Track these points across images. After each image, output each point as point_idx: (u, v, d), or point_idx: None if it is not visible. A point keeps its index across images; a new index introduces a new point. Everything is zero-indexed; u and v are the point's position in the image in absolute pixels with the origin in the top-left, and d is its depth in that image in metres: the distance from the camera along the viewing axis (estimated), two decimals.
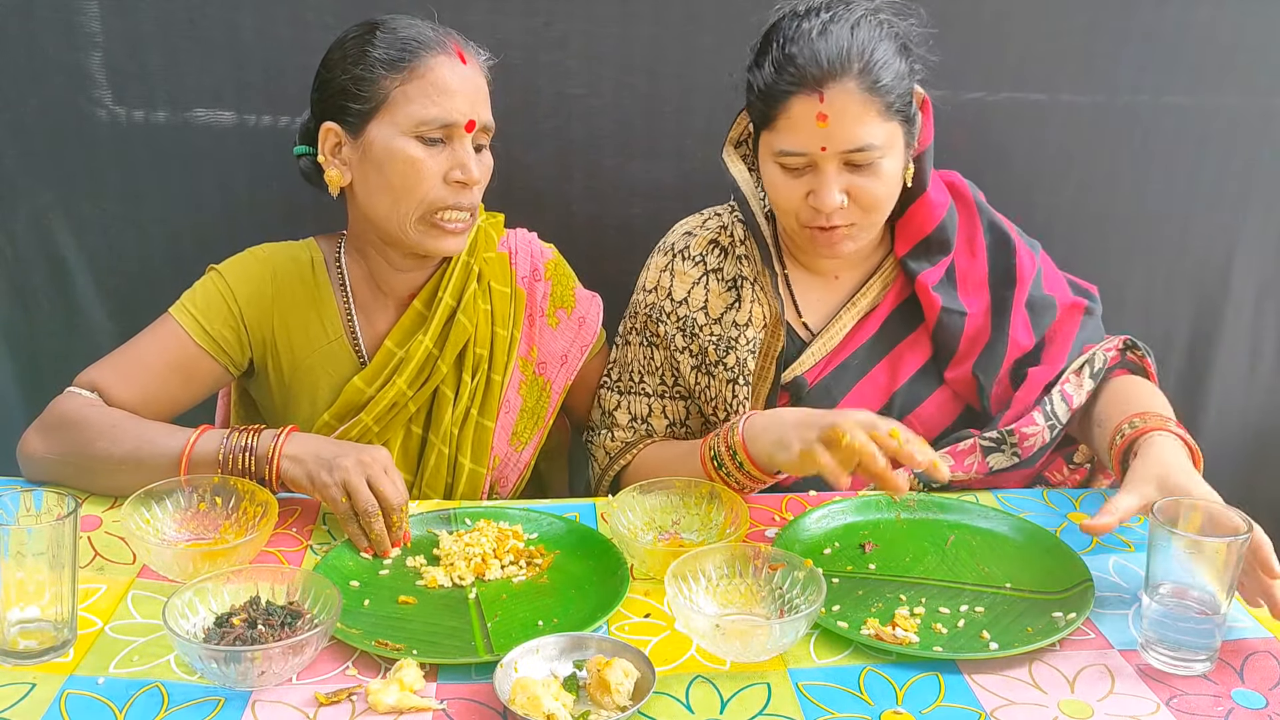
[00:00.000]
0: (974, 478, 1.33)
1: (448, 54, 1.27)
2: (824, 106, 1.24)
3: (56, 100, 1.61)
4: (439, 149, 1.28)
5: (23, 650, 0.97)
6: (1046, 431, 1.32)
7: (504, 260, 1.44)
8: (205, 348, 1.33)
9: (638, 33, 1.63)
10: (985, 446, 1.33)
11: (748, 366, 1.38)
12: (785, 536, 1.21)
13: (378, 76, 1.27)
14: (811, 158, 1.27)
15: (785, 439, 1.17)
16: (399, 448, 1.41)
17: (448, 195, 1.29)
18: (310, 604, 1.01)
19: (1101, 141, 1.73)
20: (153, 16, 1.58)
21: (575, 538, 1.21)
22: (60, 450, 1.24)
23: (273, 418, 1.44)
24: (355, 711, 0.92)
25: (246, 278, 1.36)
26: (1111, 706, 0.95)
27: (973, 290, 1.39)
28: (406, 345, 1.38)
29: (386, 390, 1.36)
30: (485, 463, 1.42)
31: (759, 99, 1.30)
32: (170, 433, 1.22)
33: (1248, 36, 1.70)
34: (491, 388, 1.42)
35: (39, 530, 0.96)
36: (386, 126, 1.27)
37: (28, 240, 1.68)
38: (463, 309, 1.38)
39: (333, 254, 1.42)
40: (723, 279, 1.41)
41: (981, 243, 1.41)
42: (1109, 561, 1.19)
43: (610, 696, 0.91)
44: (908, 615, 1.07)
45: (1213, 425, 1.89)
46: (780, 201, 1.33)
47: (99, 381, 1.29)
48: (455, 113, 1.26)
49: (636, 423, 1.46)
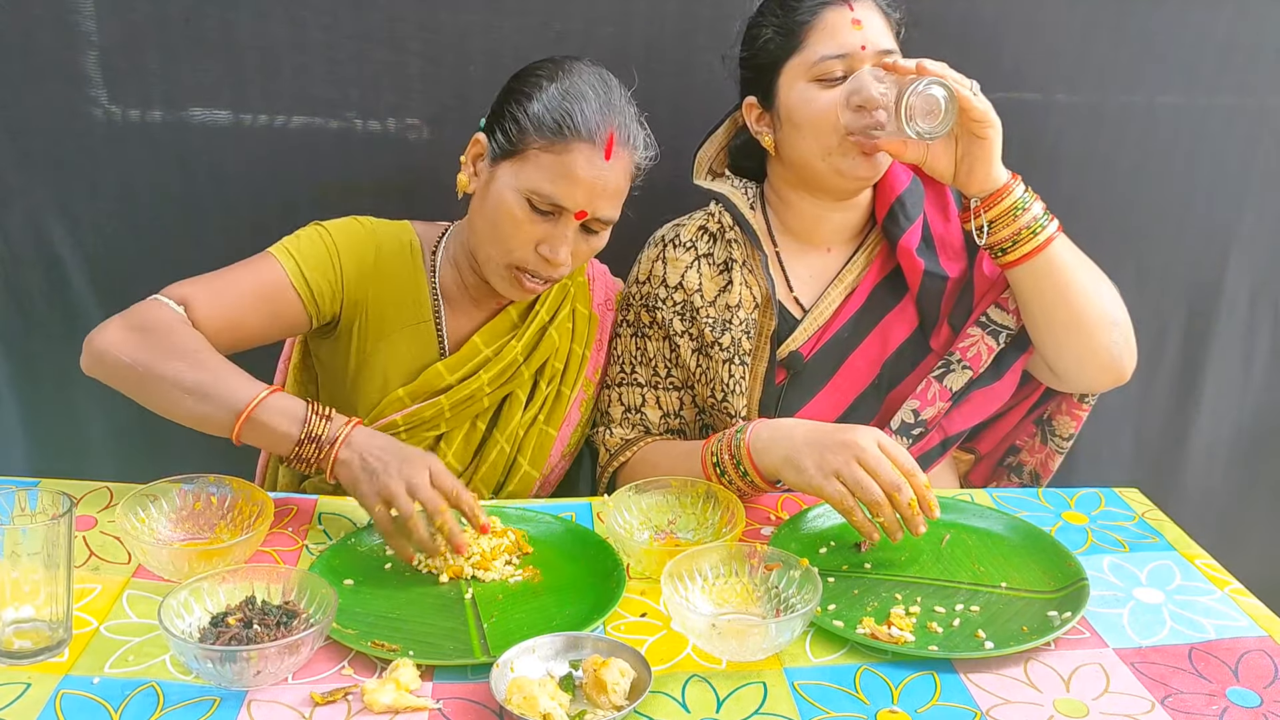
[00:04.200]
0: (941, 408, 1.38)
1: (594, 145, 1.27)
2: (855, 13, 1.33)
3: (52, 99, 1.60)
4: (544, 219, 1.29)
5: (18, 650, 0.97)
6: (986, 339, 1.39)
7: (587, 286, 1.50)
8: (299, 290, 1.33)
9: (634, 33, 1.64)
10: (937, 374, 1.40)
11: (742, 347, 1.40)
12: (781, 536, 1.21)
13: (526, 129, 1.28)
14: (850, 59, 1.32)
15: (797, 460, 1.17)
16: (461, 439, 1.44)
17: (532, 261, 1.32)
18: (306, 604, 1.00)
19: (1096, 141, 1.74)
20: (148, 15, 1.57)
21: (571, 537, 1.21)
22: (134, 354, 1.20)
23: (340, 384, 1.44)
24: (351, 711, 0.92)
25: (352, 239, 1.38)
26: (1106, 705, 0.95)
27: (952, 256, 1.42)
28: (494, 345, 1.41)
29: (469, 383, 1.40)
30: (541, 468, 1.46)
31: (780, 25, 1.36)
32: (245, 380, 1.20)
33: (1243, 36, 1.70)
34: (561, 400, 1.47)
35: (34, 530, 0.95)
36: (511, 175, 1.30)
37: (23, 239, 1.67)
38: (555, 325, 1.44)
39: (430, 243, 1.44)
40: (714, 262, 1.43)
41: (953, 209, 1.44)
42: (1104, 561, 1.19)
43: (606, 696, 0.91)
44: (903, 614, 1.07)
45: (1206, 424, 1.90)
46: (818, 116, 1.34)
47: (189, 296, 1.27)
48: (570, 200, 1.28)
49: (631, 414, 1.47)
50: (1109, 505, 1.33)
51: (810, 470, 1.15)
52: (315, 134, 1.64)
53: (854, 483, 1.12)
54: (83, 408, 1.75)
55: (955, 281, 1.42)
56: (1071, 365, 1.38)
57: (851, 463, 1.13)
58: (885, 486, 1.12)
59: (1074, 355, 1.36)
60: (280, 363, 1.56)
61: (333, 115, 1.63)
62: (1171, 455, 1.92)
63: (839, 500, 1.14)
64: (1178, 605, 1.11)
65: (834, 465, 1.14)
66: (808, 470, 1.15)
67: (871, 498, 1.12)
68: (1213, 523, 1.87)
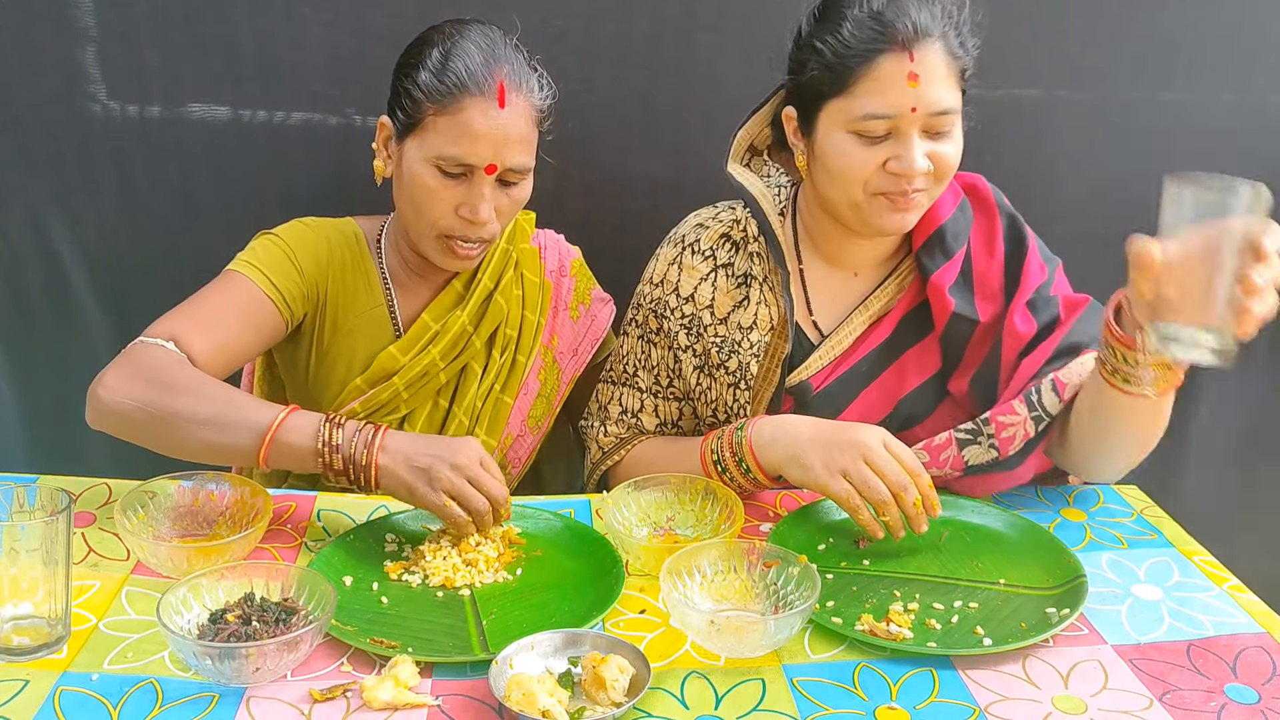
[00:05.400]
0: (950, 474, 1.28)
1: (486, 97, 1.27)
2: (915, 66, 1.20)
3: (51, 95, 1.60)
4: (456, 181, 1.30)
5: (16, 647, 0.97)
6: (1029, 424, 1.23)
7: (535, 253, 1.50)
8: (272, 299, 1.33)
9: (634, 29, 1.63)
10: (961, 439, 1.27)
11: (750, 371, 1.35)
12: (780, 532, 1.21)
13: (419, 99, 1.28)
14: (898, 120, 1.21)
15: (803, 458, 1.16)
16: (424, 418, 1.44)
17: (457, 226, 1.32)
18: (305, 601, 1.01)
19: (1098, 138, 1.73)
20: (147, 11, 1.57)
21: (570, 534, 1.21)
22: (142, 398, 1.18)
23: (304, 382, 1.44)
24: (350, 708, 0.92)
25: (303, 240, 1.39)
26: (1105, 702, 0.95)
27: (988, 296, 1.34)
28: (443, 320, 1.42)
29: (419, 359, 1.40)
30: (498, 437, 1.48)
31: (832, 64, 1.23)
32: (257, 404, 1.19)
33: (1245, 33, 1.70)
34: (516, 368, 1.48)
35: (32, 526, 0.95)
36: (416, 148, 1.30)
37: (22, 236, 1.67)
38: (500, 291, 1.44)
39: (374, 234, 1.46)
40: (732, 275, 1.38)
41: (1000, 246, 1.36)
42: (1102, 558, 1.19)
43: (605, 693, 0.92)
44: (902, 611, 1.07)
45: (1204, 425, 1.89)
46: (850, 171, 1.25)
47: (175, 331, 1.26)
48: (475, 156, 1.28)
49: (627, 416, 1.45)
50: (1107, 502, 1.33)
51: (817, 468, 1.15)
52: (315, 130, 1.64)
53: (861, 482, 1.12)
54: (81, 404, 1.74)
55: (985, 327, 1.32)
56: (1099, 464, 1.28)
57: (858, 461, 1.13)
58: (892, 486, 1.11)
59: (1106, 461, 1.27)
60: (244, 378, 1.55)
61: (332, 111, 1.63)
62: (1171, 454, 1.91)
63: (846, 498, 1.13)
64: (1176, 602, 1.11)
65: (841, 464, 1.13)
66: (814, 468, 1.15)
67: (878, 497, 1.11)
68: (1211, 520, 1.86)
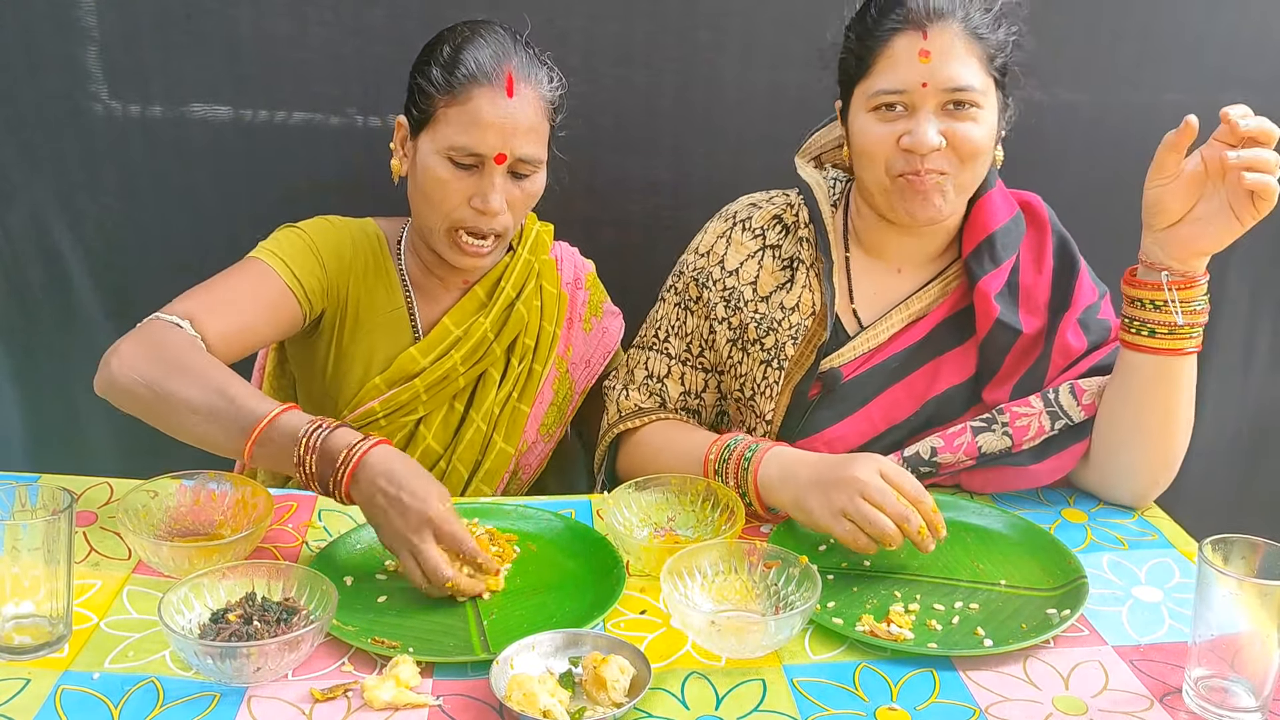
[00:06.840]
0: (963, 462, 1.29)
1: (494, 86, 1.29)
2: (927, 43, 1.23)
3: (52, 95, 1.60)
4: (468, 173, 1.31)
5: (17, 646, 0.97)
6: (1044, 417, 1.28)
7: (553, 265, 1.51)
8: (292, 289, 1.34)
9: (637, 29, 1.63)
10: (975, 426, 1.29)
11: (785, 352, 1.35)
12: (781, 533, 1.21)
13: (431, 94, 1.31)
14: (910, 96, 1.24)
15: (804, 503, 1.16)
16: (440, 421, 1.45)
17: (468, 217, 1.33)
18: (306, 600, 1.01)
19: (1099, 139, 1.74)
20: (149, 11, 1.57)
21: (571, 534, 1.21)
22: (148, 375, 1.17)
23: (319, 381, 1.45)
24: (351, 708, 0.92)
25: (327, 236, 1.40)
26: (1105, 703, 0.95)
27: (1033, 310, 1.34)
28: (464, 325, 1.43)
29: (441, 363, 1.41)
30: (516, 444, 1.48)
31: (856, 47, 1.29)
32: (257, 398, 1.17)
33: (1246, 34, 1.70)
34: (533, 377, 1.49)
35: (34, 525, 0.96)
36: (429, 141, 1.32)
37: (24, 235, 1.67)
38: (522, 300, 1.46)
39: (394, 236, 1.46)
40: (779, 257, 1.39)
41: (1049, 263, 1.36)
42: (1103, 559, 1.19)
43: (606, 693, 0.92)
44: (902, 612, 1.07)
45: (1208, 424, 1.89)
46: (871, 149, 1.28)
47: (193, 311, 1.26)
48: (484, 145, 1.29)
49: (652, 381, 1.44)
50: (1108, 503, 1.33)
51: (817, 512, 1.14)
52: (316, 130, 1.64)
53: (862, 519, 1.10)
54: (83, 403, 1.75)
55: (1028, 339, 1.32)
56: (1123, 469, 1.29)
57: (856, 499, 1.11)
58: (894, 518, 1.09)
59: (1132, 461, 1.28)
60: (255, 372, 1.55)
61: (334, 111, 1.64)
62: None
63: (851, 539, 1.11)
64: (1176, 603, 1.11)
65: (839, 504, 1.12)
66: (815, 512, 1.14)
67: (881, 531, 1.09)
68: (1212, 521, 1.86)
